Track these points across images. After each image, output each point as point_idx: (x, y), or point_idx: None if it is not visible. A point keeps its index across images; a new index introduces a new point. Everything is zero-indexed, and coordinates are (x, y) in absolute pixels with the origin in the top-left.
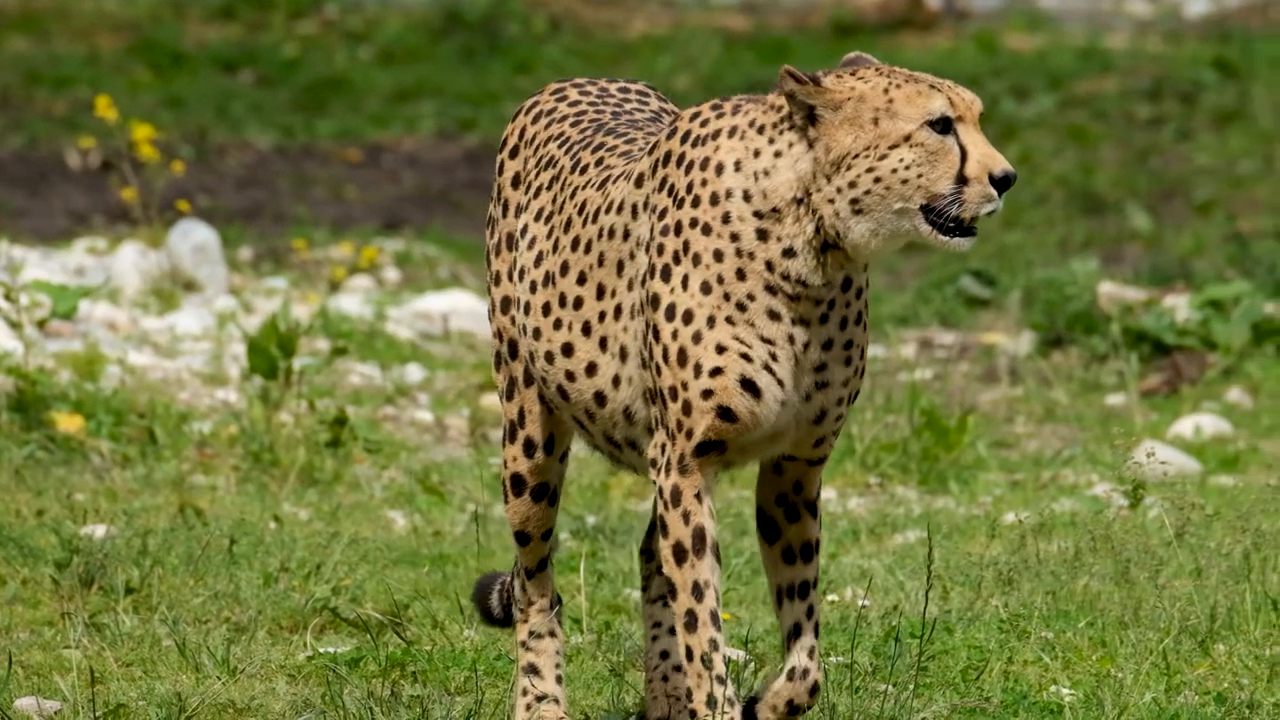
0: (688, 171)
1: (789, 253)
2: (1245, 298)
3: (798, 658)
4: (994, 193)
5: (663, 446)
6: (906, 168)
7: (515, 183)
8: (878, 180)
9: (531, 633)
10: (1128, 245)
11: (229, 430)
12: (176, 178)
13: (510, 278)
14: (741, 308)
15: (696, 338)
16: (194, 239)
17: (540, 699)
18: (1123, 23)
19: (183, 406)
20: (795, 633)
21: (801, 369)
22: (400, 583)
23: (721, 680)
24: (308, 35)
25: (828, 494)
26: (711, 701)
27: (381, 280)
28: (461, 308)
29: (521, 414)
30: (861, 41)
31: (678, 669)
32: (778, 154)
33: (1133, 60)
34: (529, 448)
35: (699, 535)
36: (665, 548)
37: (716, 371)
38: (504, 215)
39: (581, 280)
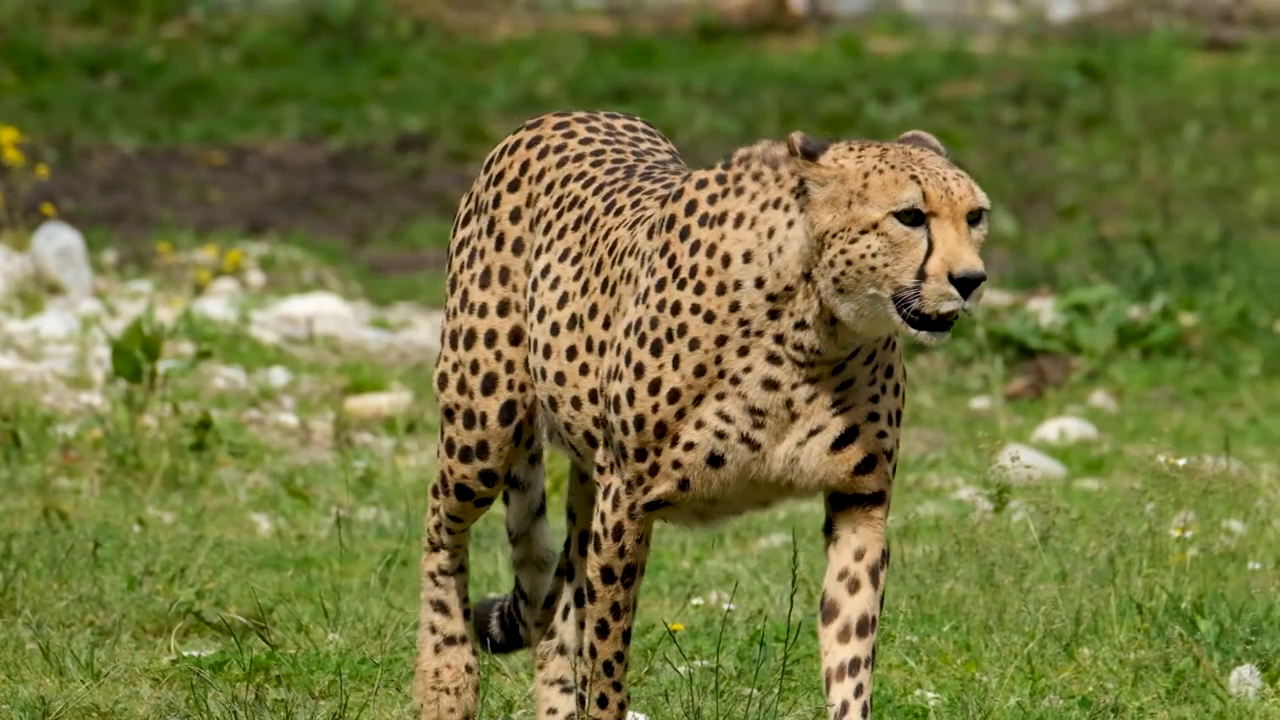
0: (693, 252)
1: (801, 325)
2: (1110, 302)
3: None
4: (953, 291)
5: (611, 466)
6: (873, 255)
7: (515, 218)
8: (849, 264)
9: (440, 569)
10: (993, 249)
11: (93, 433)
12: (41, 181)
13: (501, 311)
14: (735, 381)
15: (680, 414)
16: (58, 242)
17: (449, 641)
18: (987, 26)
19: (47, 410)
20: (841, 711)
21: (804, 418)
22: (264, 586)
23: (618, 687)
24: (172, 39)
25: None
26: (603, 700)
27: (246, 283)
28: (326, 311)
29: (483, 447)
30: (726, 45)
31: None
32: (790, 224)
33: (998, 64)
34: (488, 478)
35: (629, 570)
36: (595, 562)
37: (690, 446)
38: (498, 249)
39: (606, 325)
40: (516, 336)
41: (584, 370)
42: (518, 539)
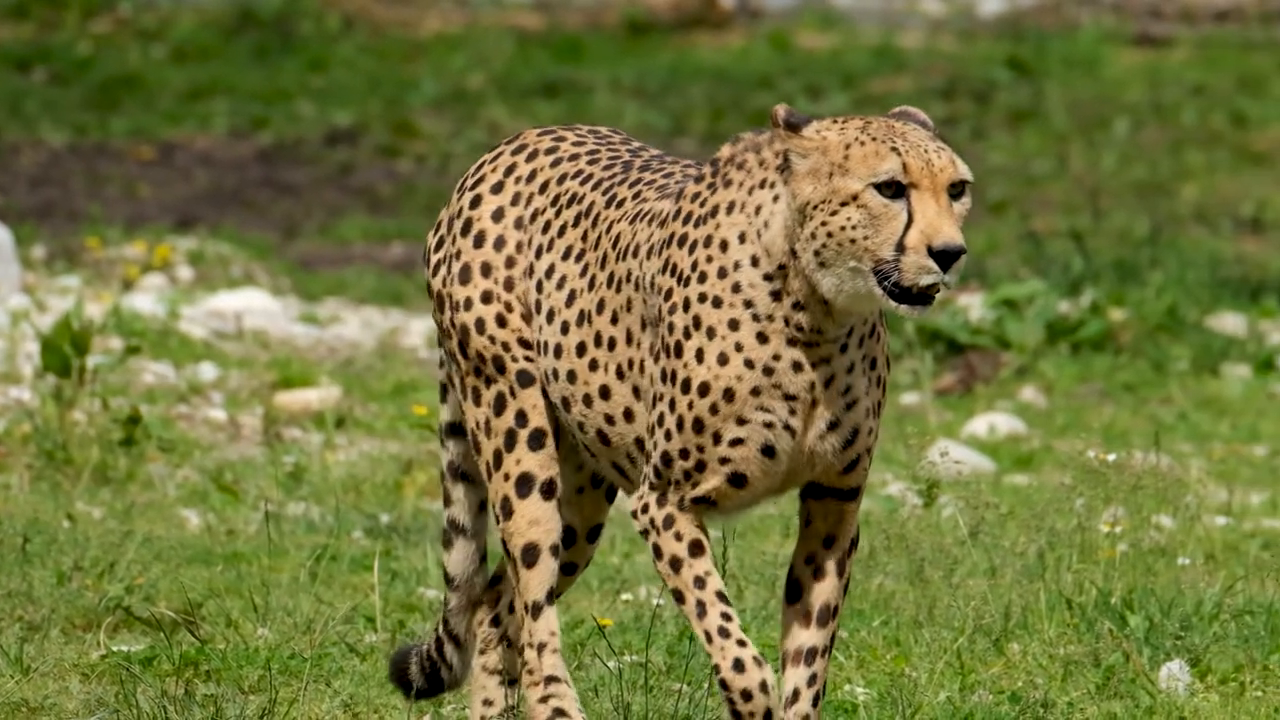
0: (691, 250)
1: (798, 306)
2: (1039, 297)
3: None
4: (932, 265)
5: (645, 500)
6: (853, 227)
7: (497, 216)
8: (830, 236)
9: (549, 678)
10: None
11: (22, 429)
12: None
13: (485, 300)
14: (768, 371)
15: (714, 409)
16: None
17: None
18: (916, 22)
19: None
20: (793, 698)
21: (823, 405)
22: (194, 581)
23: (742, 643)
24: (101, 34)
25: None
26: (738, 664)
27: (175, 279)
28: (255, 306)
29: (521, 415)
30: (655, 40)
31: None
32: (775, 199)
33: (926, 59)
34: (536, 439)
35: (695, 545)
36: (663, 565)
37: (737, 442)
38: (477, 247)
39: (615, 320)
40: (501, 320)
41: (593, 367)
42: (459, 585)
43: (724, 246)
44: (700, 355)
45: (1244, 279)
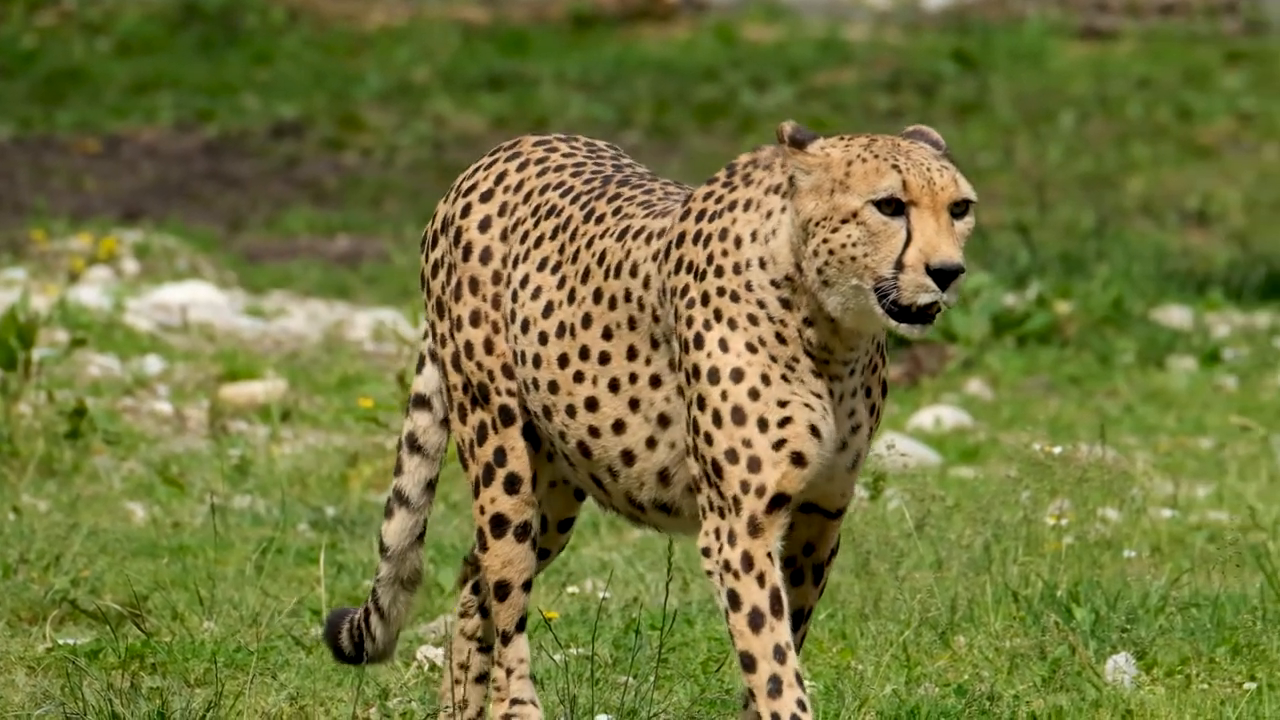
0: (705, 245)
1: (808, 322)
2: (985, 290)
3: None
4: (930, 283)
5: (717, 531)
6: (854, 245)
7: (484, 227)
8: (831, 253)
9: (514, 700)
10: None
11: None
12: None
13: (474, 322)
14: (791, 368)
15: (754, 394)
16: None
17: None
18: (862, 14)
19: None
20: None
21: (839, 421)
22: (139, 574)
23: None
24: (46, 26)
25: None
26: None
27: (120, 271)
28: (200, 299)
29: (500, 453)
30: (600, 33)
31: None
32: (783, 210)
33: (872, 52)
34: (512, 484)
35: (775, 597)
36: (739, 619)
37: (786, 421)
38: (465, 260)
39: (608, 335)
40: (489, 346)
41: (578, 379)
42: (392, 555)
43: (738, 242)
44: (725, 345)
45: (1190, 272)
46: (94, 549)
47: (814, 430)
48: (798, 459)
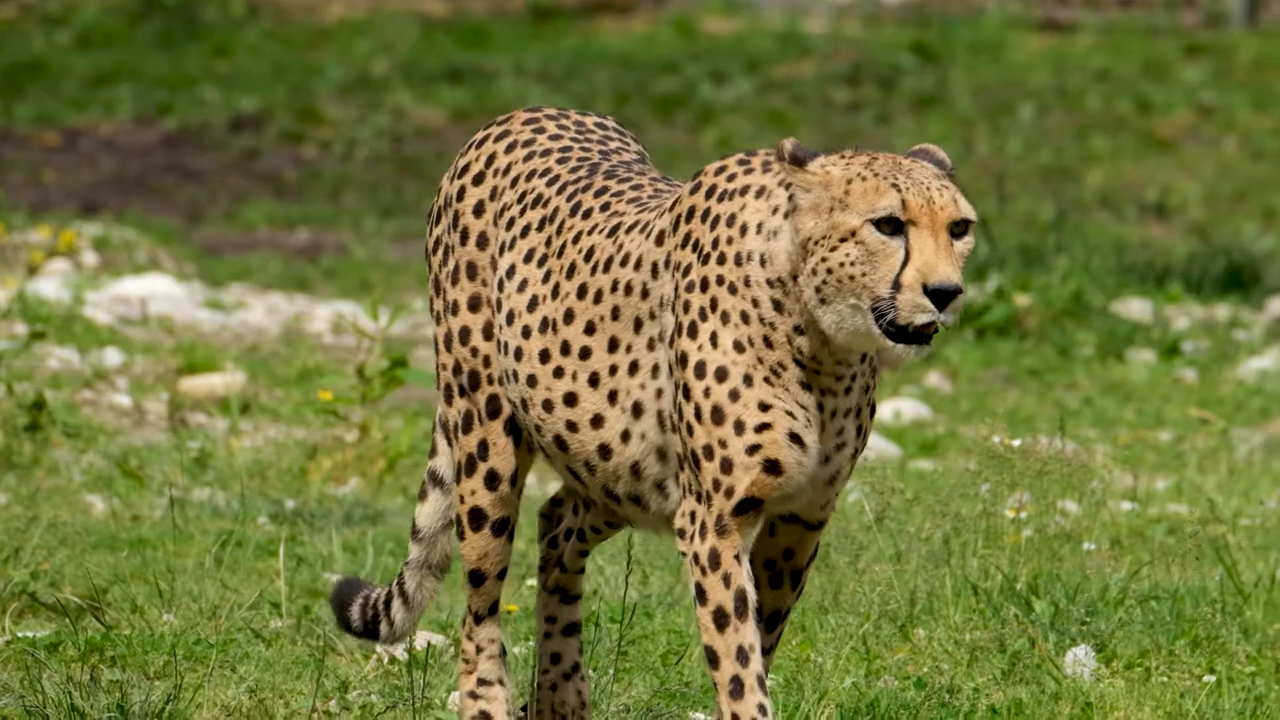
0: (713, 227)
1: (799, 330)
2: None
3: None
4: (927, 303)
5: (693, 514)
6: (851, 264)
7: (478, 211)
8: (830, 272)
9: (481, 680)
10: None
11: None
12: None
13: (472, 307)
14: (776, 373)
15: (734, 395)
16: None
17: None
18: (821, 7)
19: None
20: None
21: (826, 435)
22: (99, 567)
23: None
24: (5, 19)
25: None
26: None
27: (80, 264)
28: (160, 291)
29: (484, 446)
30: (559, 25)
31: (568, 676)
32: (787, 215)
33: (831, 44)
34: (492, 480)
35: (740, 598)
36: (704, 614)
37: (764, 427)
38: (463, 244)
39: (590, 330)
40: (489, 331)
41: (558, 373)
42: (423, 538)
43: (744, 230)
44: (715, 339)
45: (1149, 264)
46: (53, 542)
47: (795, 439)
48: (771, 466)
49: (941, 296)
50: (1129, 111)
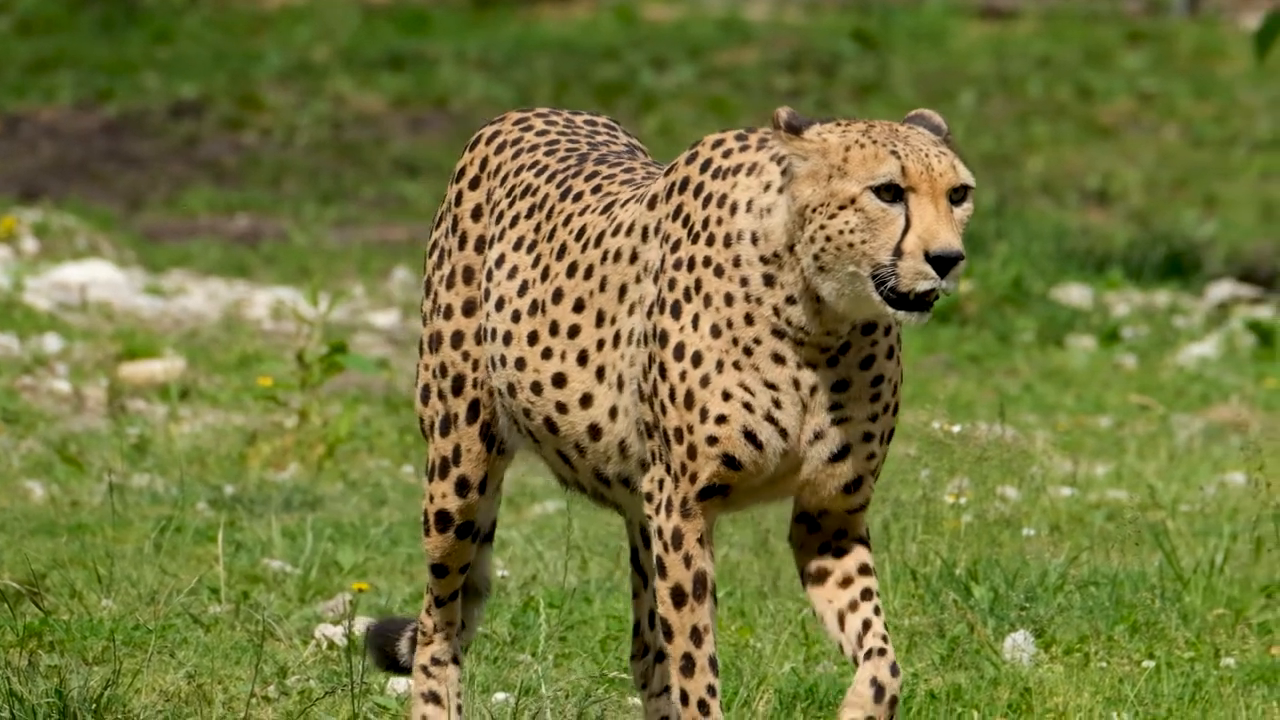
0: (705, 205)
1: (791, 300)
2: None
3: (873, 641)
4: (929, 270)
5: (661, 482)
6: (851, 231)
7: (476, 215)
8: (829, 239)
9: (434, 659)
10: None
11: None
12: None
13: (466, 311)
14: (748, 352)
15: (704, 381)
16: None
17: None
18: None
19: None
20: (865, 627)
21: (809, 412)
22: (38, 552)
23: None
24: None
25: None
26: None
27: (19, 250)
28: (100, 278)
29: (457, 451)
30: (500, 12)
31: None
32: (780, 190)
33: (772, 32)
34: (462, 487)
35: (700, 580)
36: (663, 588)
37: (722, 419)
38: (461, 249)
39: (579, 307)
40: (480, 336)
41: (546, 355)
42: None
43: (733, 210)
44: (696, 322)
45: (1089, 251)
46: None
47: (749, 435)
48: (730, 460)
49: (943, 263)
50: (1070, 98)
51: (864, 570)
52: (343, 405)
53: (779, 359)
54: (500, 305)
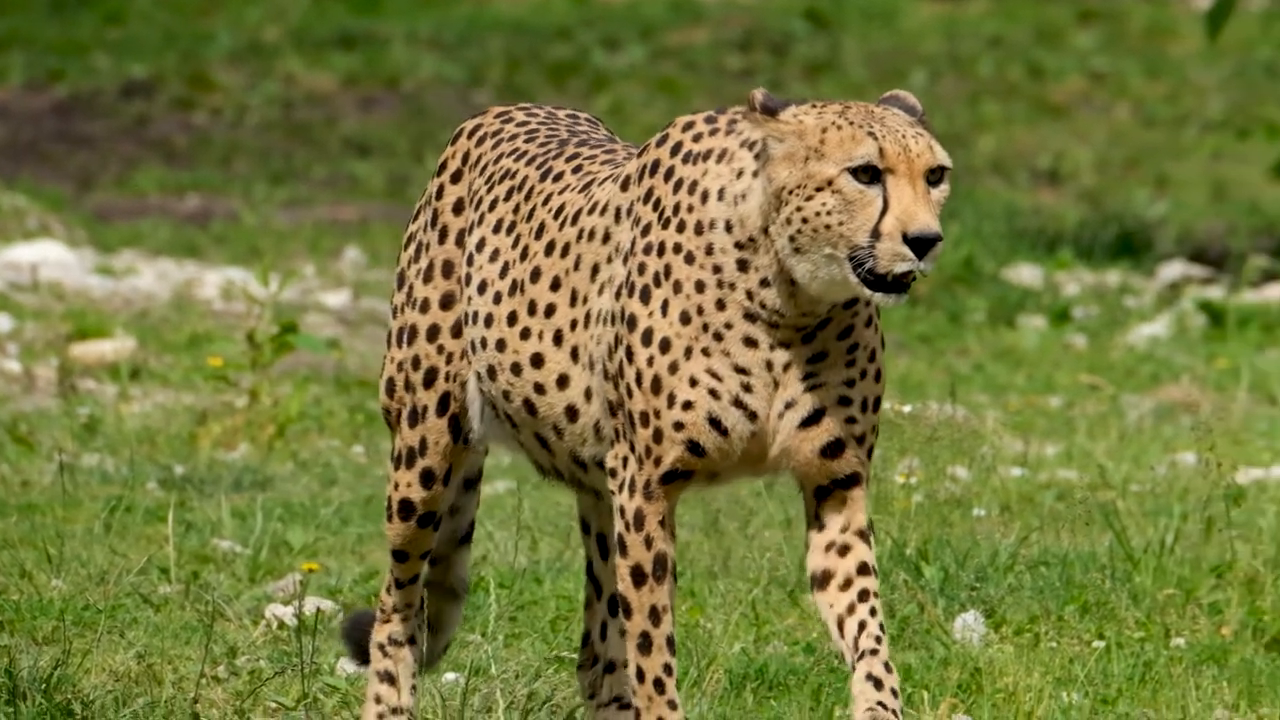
0: (675, 190)
1: (765, 283)
2: None
3: (866, 643)
4: (907, 252)
5: (625, 460)
6: (828, 213)
7: (457, 209)
8: (805, 221)
9: (391, 638)
10: None
11: None
12: None
13: (444, 305)
14: (718, 337)
15: (673, 368)
16: None
17: (394, 712)
18: None
19: None
20: (860, 629)
21: (782, 386)
22: None
23: (674, 705)
24: None
25: None
26: None
27: None
28: (50, 258)
29: (424, 443)
30: None
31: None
32: (755, 174)
33: (724, 11)
34: (427, 478)
35: (660, 561)
36: (623, 566)
37: (688, 405)
38: (441, 242)
39: (555, 286)
40: (459, 330)
41: (525, 335)
42: (436, 561)
43: (705, 197)
44: (665, 308)
45: (1040, 231)
46: None
47: (714, 422)
48: (694, 447)
49: (921, 244)
50: (1021, 78)
51: (863, 570)
52: (293, 385)
53: (751, 342)
54: (482, 288)
